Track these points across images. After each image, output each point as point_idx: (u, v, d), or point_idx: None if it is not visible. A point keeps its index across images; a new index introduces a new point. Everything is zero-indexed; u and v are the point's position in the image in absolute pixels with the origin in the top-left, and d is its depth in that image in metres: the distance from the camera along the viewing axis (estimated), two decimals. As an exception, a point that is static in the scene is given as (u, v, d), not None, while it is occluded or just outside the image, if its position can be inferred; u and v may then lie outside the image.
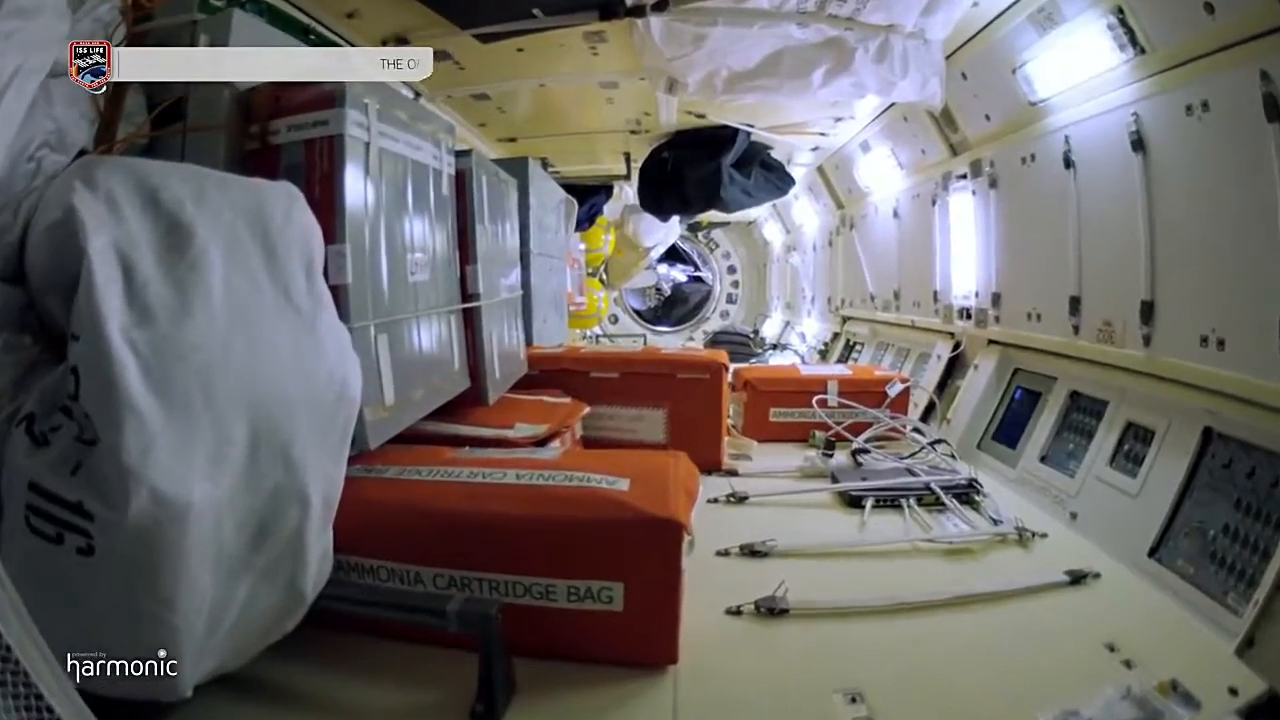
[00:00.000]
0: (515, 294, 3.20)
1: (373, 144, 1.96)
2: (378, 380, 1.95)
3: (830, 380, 3.91)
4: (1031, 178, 3.52)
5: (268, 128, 1.93)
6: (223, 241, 1.47)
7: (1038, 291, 3.54)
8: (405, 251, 2.11)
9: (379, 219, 1.99)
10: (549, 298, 4.70)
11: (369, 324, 1.91)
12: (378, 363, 1.95)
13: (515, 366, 3.16)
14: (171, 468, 1.27)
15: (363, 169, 1.92)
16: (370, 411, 1.90)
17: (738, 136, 5.22)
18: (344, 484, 1.75)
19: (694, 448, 3.24)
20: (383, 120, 2.01)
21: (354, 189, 1.87)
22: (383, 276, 1.99)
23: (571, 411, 2.92)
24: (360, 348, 1.84)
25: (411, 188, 2.17)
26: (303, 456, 1.52)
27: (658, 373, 3.37)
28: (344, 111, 1.86)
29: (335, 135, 1.86)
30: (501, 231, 3.00)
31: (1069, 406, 3.30)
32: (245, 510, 1.43)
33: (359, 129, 1.91)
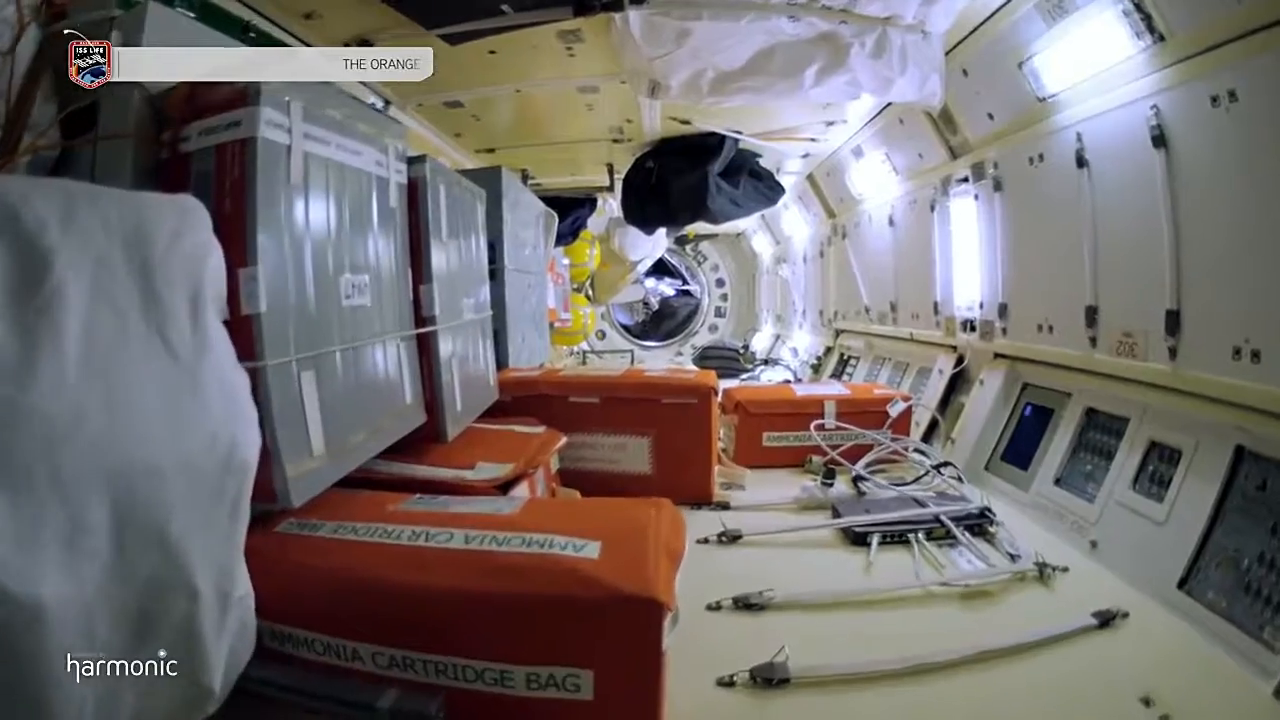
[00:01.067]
0: (483, 314, 2.92)
1: (295, 147, 1.67)
2: (302, 426, 1.66)
3: (827, 400, 3.64)
4: (1040, 179, 3.29)
5: (179, 134, 1.66)
6: (89, 272, 1.18)
7: (1049, 301, 3.30)
8: (339, 272, 1.83)
9: (304, 235, 1.70)
10: (528, 316, 4.42)
11: (290, 360, 1.62)
12: (302, 405, 1.65)
13: (483, 394, 2.88)
14: (12, 561, 0.99)
15: (282, 176, 1.63)
16: (293, 464, 1.61)
17: (725, 144, 4.97)
18: (273, 541, 1.57)
19: (682, 478, 3.02)
20: (311, 121, 1.74)
21: (269, 200, 1.59)
22: (309, 302, 1.70)
23: (545, 443, 2.64)
24: (278, 389, 1.57)
25: (348, 199, 1.89)
26: (183, 538, 1.24)
27: (642, 397, 3.09)
28: (257, 110, 1.58)
29: (247, 138, 1.58)
30: (466, 246, 2.72)
31: (1085, 424, 3.06)
32: (119, 604, 1.15)
33: (276, 130, 1.63)
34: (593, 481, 3.07)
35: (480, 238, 2.93)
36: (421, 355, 2.30)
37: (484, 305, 2.95)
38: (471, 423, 2.76)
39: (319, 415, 1.71)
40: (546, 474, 2.64)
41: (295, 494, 1.63)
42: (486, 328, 2.95)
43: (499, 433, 2.70)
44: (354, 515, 1.74)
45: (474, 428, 2.72)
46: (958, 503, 2.94)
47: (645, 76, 3.45)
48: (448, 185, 2.50)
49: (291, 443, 1.62)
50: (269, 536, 1.64)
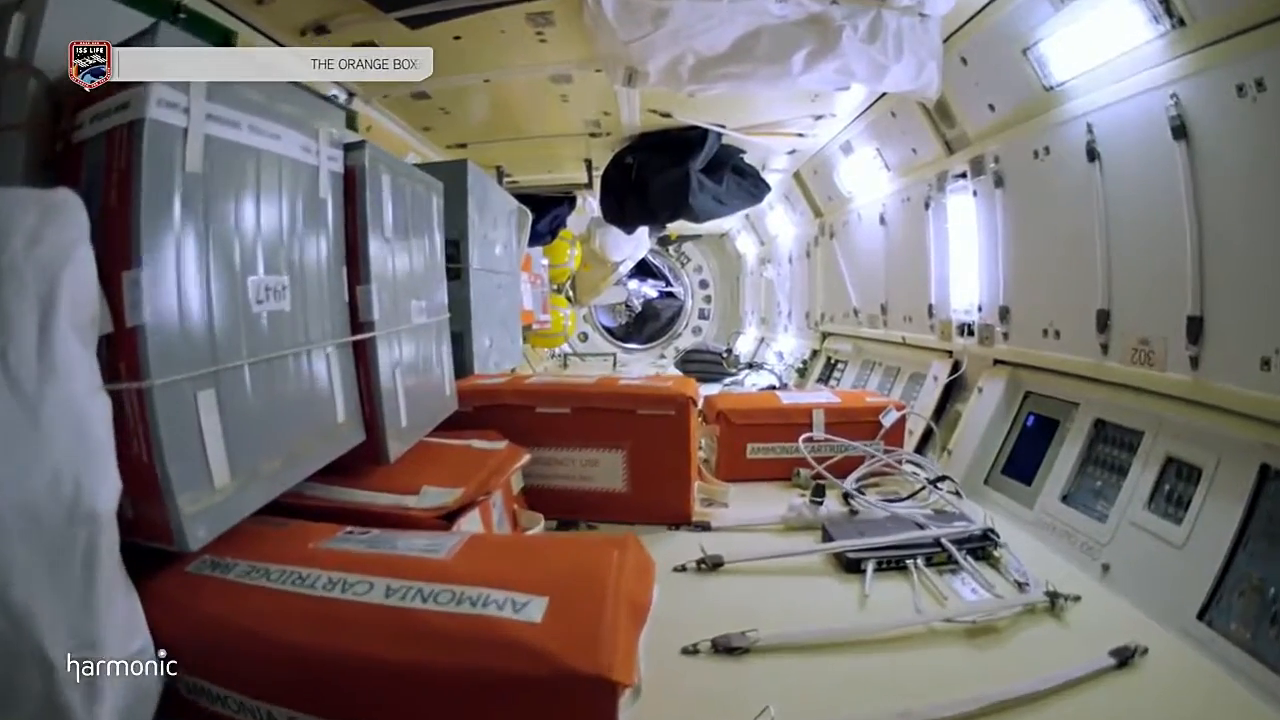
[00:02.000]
0: (438, 318, 2.65)
1: (193, 130, 1.41)
2: (199, 454, 1.39)
3: (816, 410, 3.39)
4: (1046, 173, 3.07)
5: (74, 122, 1.43)
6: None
7: (1056, 305, 3.08)
8: (248, 273, 1.56)
9: (205, 231, 1.44)
10: (497, 318, 4.16)
11: (183, 378, 1.36)
12: (199, 430, 1.39)
13: (438, 406, 2.61)
14: None
15: (176, 164, 1.37)
16: (189, 499, 1.35)
17: (707, 138, 4.73)
18: (183, 583, 1.40)
19: (659, 496, 2.76)
20: (218, 100, 1.48)
21: (159, 192, 1.33)
22: (209, 309, 1.44)
23: (505, 461, 2.38)
24: (168, 413, 1.32)
25: (263, 189, 1.63)
26: (27, 601, 1.01)
27: (615, 408, 2.83)
28: (147, 88, 1.33)
29: (134, 120, 1.33)
30: (418, 244, 2.45)
31: (1094, 437, 2.84)
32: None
33: (170, 111, 1.37)
34: (562, 500, 2.83)
35: (437, 234, 2.66)
36: (359, 365, 2.03)
37: (440, 307, 2.68)
38: (425, 437, 2.51)
39: (221, 441, 1.45)
40: (506, 496, 2.39)
41: (192, 534, 1.37)
42: (443, 332, 2.68)
43: (454, 449, 2.44)
44: (270, 554, 1.51)
45: (427, 443, 2.46)
46: (958, 522, 2.68)
47: (621, 63, 3.21)
48: (394, 175, 2.23)
49: (186, 475, 1.36)
50: (180, 577, 1.44)
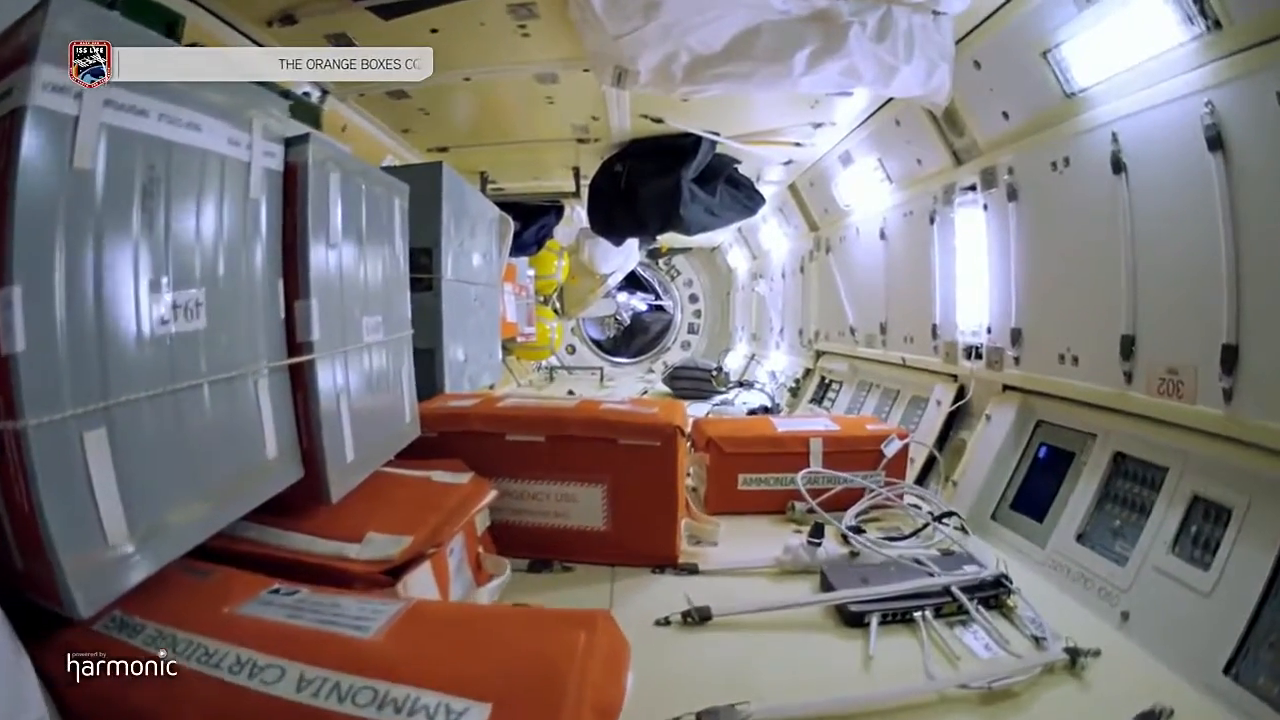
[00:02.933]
0: (398, 334, 2.39)
1: (85, 120, 1.16)
2: (88, 505, 1.14)
3: (813, 438, 3.14)
4: (1066, 186, 2.85)
5: None
6: None
7: (1074, 329, 2.86)
8: (154, 289, 1.30)
9: (97, 239, 1.19)
10: (473, 332, 3.90)
11: (64, 416, 1.10)
12: (87, 477, 1.14)
13: (396, 433, 2.35)
14: None
15: (61, 158, 1.13)
16: (76, 558, 1.12)
17: (700, 146, 4.49)
18: (87, 643, 1.21)
19: (642, 536, 2.51)
20: (123, 84, 1.23)
21: (38, 192, 1.09)
22: (102, 331, 1.19)
23: (468, 499, 2.13)
24: (47, 457, 1.08)
25: (175, 188, 1.37)
26: None
27: (595, 437, 2.56)
28: (31, 70, 1.10)
29: (16, 109, 1.09)
30: (374, 251, 2.19)
31: (1112, 472, 2.61)
32: None
33: (58, 97, 1.12)
34: (535, 538, 2.57)
35: (399, 241, 2.40)
36: (296, 392, 1.77)
37: (401, 322, 2.42)
38: (383, 466, 2.25)
39: (115, 489, 1.20)
40: (469, 538, 2.13)
41: (82, 598, 1.14)
42: (403, 350, 2.42)
43: (412, 483, 2.19)
44: (182, 616, 1.28)
45: (384, 474, 2.21)
46: (967, 566, 2.44)
47: (610, 61, 2.98)
48: (345, 174, 1.97)
49: (70, 530, 1.12)
50: (85, 636, 1.25)
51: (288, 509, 1.80)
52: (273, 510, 1.73)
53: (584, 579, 2.46)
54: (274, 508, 1.72)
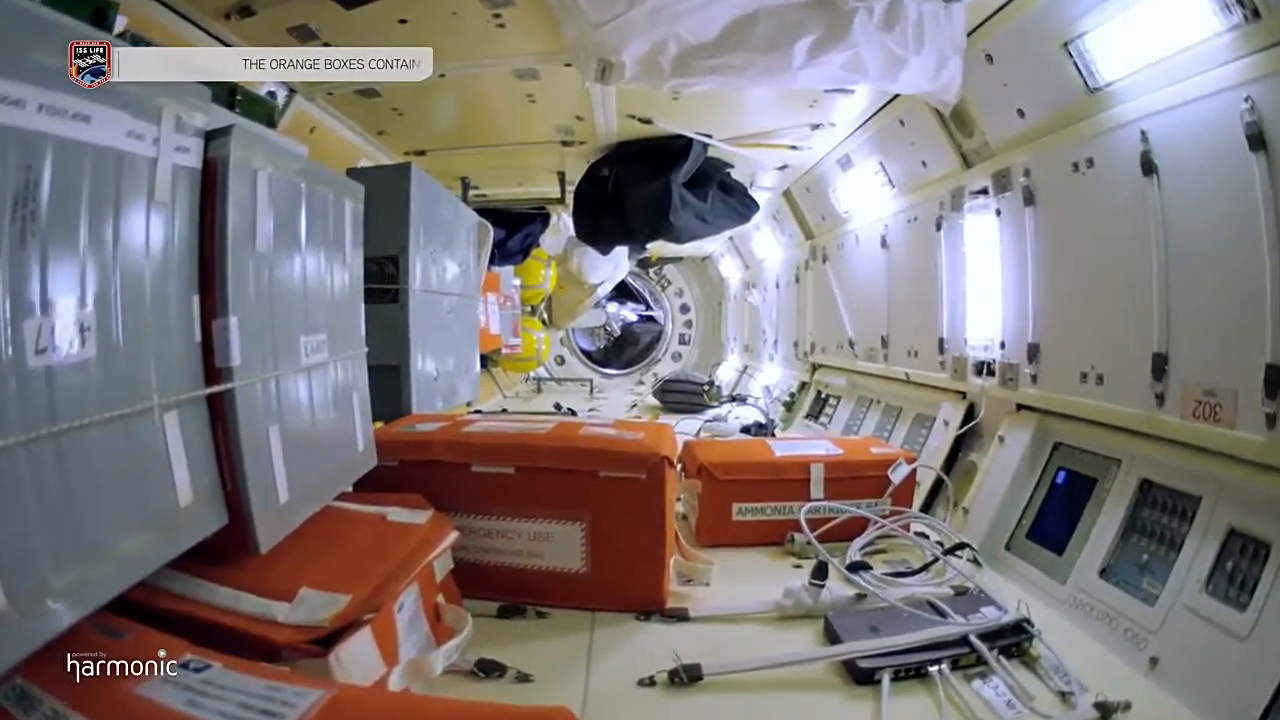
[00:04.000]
0: (349, 353, 2.12)
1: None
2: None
3: (814, 463, 2.88)
4: (1089, 189, 2.61)
5: None
6: None
7: (1100, 345, 2.60)
8: (22, 315, 1.05)
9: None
10: (446, 346, 3.64)
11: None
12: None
13: (342, 467, 2.07)
14: None
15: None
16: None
17: (692, 149, 4.23)
18: None
19: (626, 578, 2.23)
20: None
21: None
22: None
23: (425, 542, 1.86)
24: None
25: (57, 191, 1.11)
26: None
27: (572, 468, 2.27)
28: None
29: None
30: (319, 261, 1.93)
31: (1138, 500, 2.36)
32: None
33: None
34: (506, 580, 2.29)
35: (351, 248, 2.14)
36: (216, 426, 1.50)
37: (352, 339, 2.15)
38: (336, 500, 1.99)
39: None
40: (426, 587, 1.86)
41: None
42: (356, 371, 2.15)
43: (364, 522, 1.92)
44: (82, 693, 1.11)
45: (334, 509, 1.96)
46: (985, 607, 2.21)
47: (593, 54, 2.73)
48: (279, 173, 1.71)
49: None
50: None
51: (219, 555, 1.55)
52: (204, 556, 1.49)
53: (560, 627, 2.18)
54: (206, 553, 1.48)
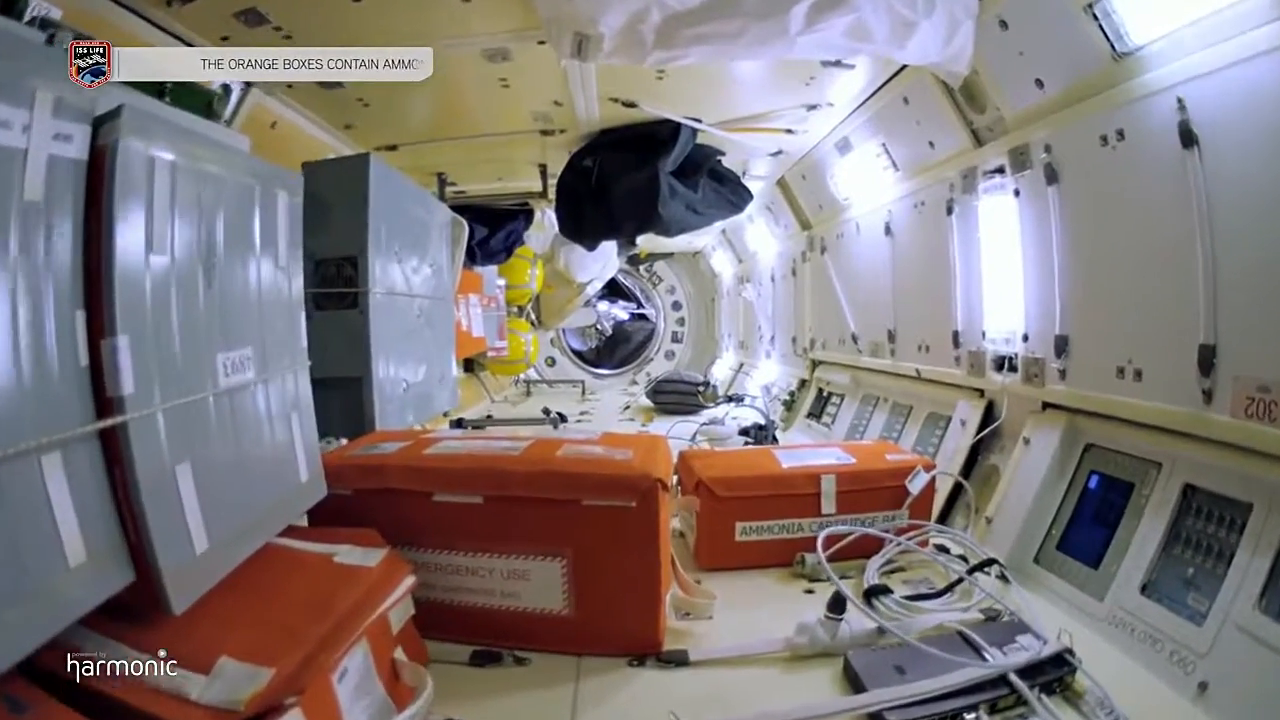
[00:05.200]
0: (286, 369, 1.82)
1: None
2: None
3: (824, 475, 2.59)
4: (1120, 164, 2.34)
5: None
6: None
7: (1137, 336, 2.34)
8: None
9: None
10: (417, 354, 3.35)
11: None
12: None
13: (282, 499, 1.77)
14: None
15: None
16: None
17: (680, 134, 3.95)
18: None
19: (616, 620, 1.94)
20: None
21: None
22: None
23: (376, 589, 1.57)
24: None
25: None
26: None
27: (549, 497, 1.95)
28: None
29: None
30: (245, 263, 1.64)
31: (1181, 508, 2.12)
32: None
33: None
34: (479, 623, 2.00)
35: (286, 249, 1.83)
36: (112, 468, 1.22)
37: (289, 352, 1.84)
38: (278, 538, 1.72)
39: None
40: (380, 644, 1.57)
41: None
42: (295, 387, 1.85)
43: (308, 564, 1.64)
44: None
45: (276, 548, 1.68)
46: (1020, 636, 1.93)
47: (568, 27, 2.47)
48: (188, 162, 1.42)
49: None
50: None
51: (135, 612, 1.30)
52: (120, 612, 1.26)
53: (541, 677, 1.89)
54: (122, 608, 1.25)
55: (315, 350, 2.06)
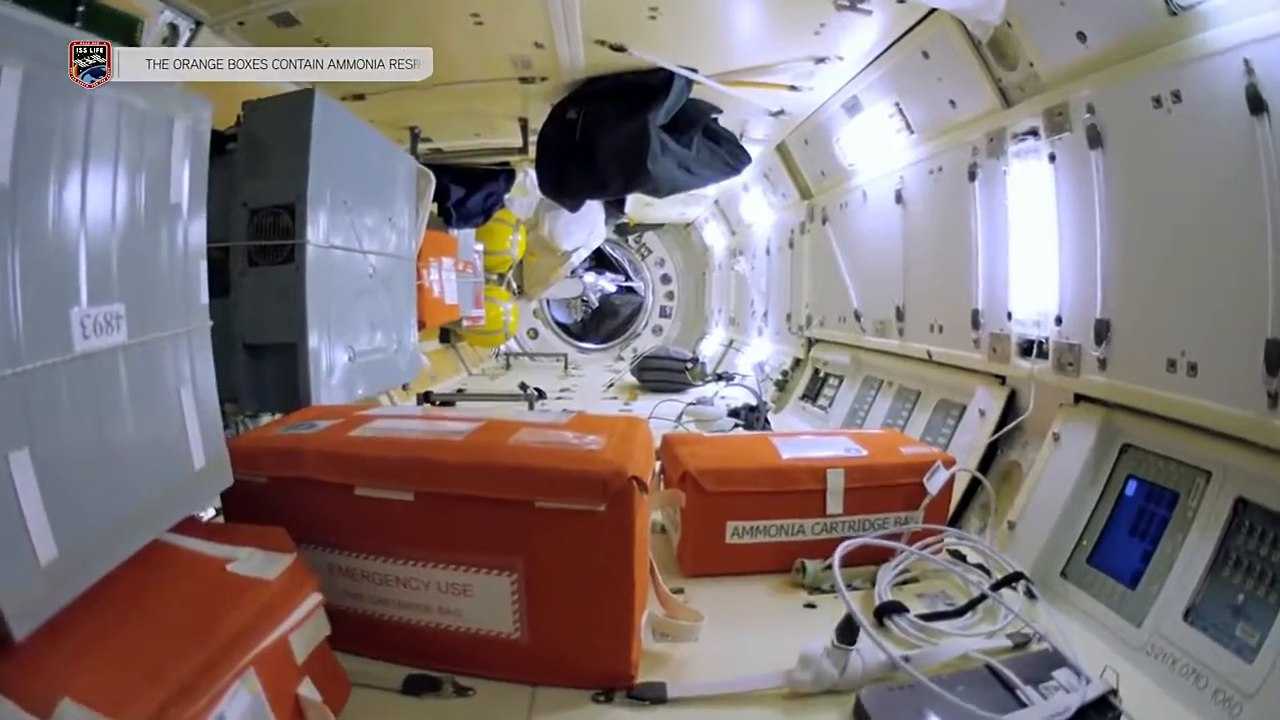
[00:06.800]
0: (175, 330, 1.45)
1: None
2: None
3: (831, 469, 2.24)
4: (1176, 130, 2.05)
5: None
6: None
7: (1193, 325, 2.04)
8: None
9: None
10: (370, 318, 2.97)
11: None
12: None
13: (168, 491, 1.39)
14: None
15: None
16: None
17: (673, 84, 3.57)
18: None
19: (578, 646, 1.57)
20: None
21: None
22: None
23: (269, 611, 1.23)
24: None
25: None
26: None
27: (497, 496, 1.56)
28: None
29: None
30: (113, 200, 1.26)
31: (1233, 524, 1.84)
32: None
33: None
34: (414, 643, 1.66)
35: (185, 186, 1.47)
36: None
37: (179, 312, 1.47)
38: (170, 534, 1.37)
39: None
40: (279, 675, 1.23)
41: None
42: (187, 356, 1.48)
43: (193, 572, 1.31)
44: None
45: (166, 548, 1.35)
46: (1058, 671, 1.64)
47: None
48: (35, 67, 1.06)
49: None
50: None
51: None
52: None
53: (485, 711, 1.53)
54: None
55: (247, 312, 1.72)
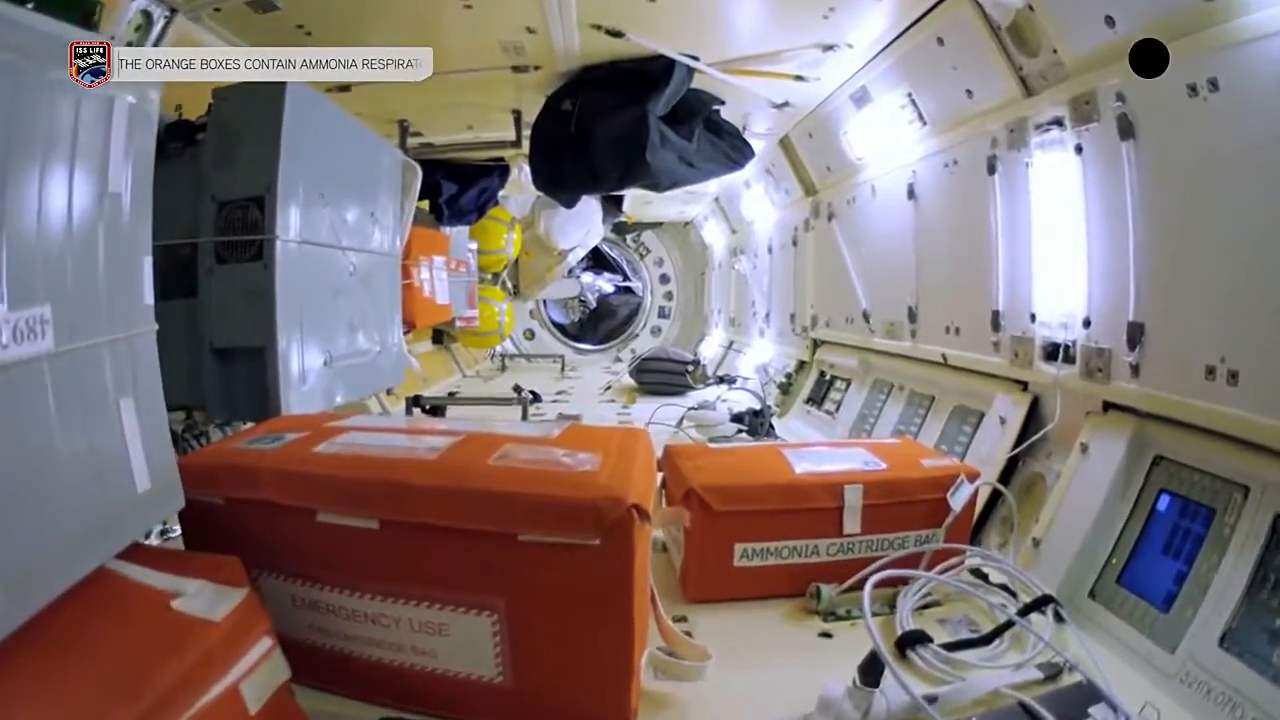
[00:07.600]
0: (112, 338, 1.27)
1: None
2: None
3: (849, 485, 2.06)
4: (1214, 119, 1.90)
5: None
6: None
7: (1236, 330, 1.89)
8: None
9: None
10: (349, 319, 2.79)
11: None
12: None
13: (99, 522, 1.20)
14: None
15: None
16: None
17: (673, 72, 3.39)
18: None
19: (568, 692, 1.38)
20: None
21: None
22: None
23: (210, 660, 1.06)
24: None
25: None
26: None
27: (473, 526, 1.37)
28: None
29: None
30: (46, 191, 1.10)
31: (1272, 541, 1.71)
32: None
33: None
34: (388, 683, 1.48)
35: (126, 173, 1.29)
36: None
37: (119, 315, 1.29)
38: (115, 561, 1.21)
39: None
40: None
41: None
42: (127, 365, 1.31)
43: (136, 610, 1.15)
44: None
45: (111, 579, 1.20)
46: (1094, 708, 1.51)
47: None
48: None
49: None
50: None
51: None
52: None
53: (466, 763, 1.39)
54: None
55: (215, 314, 1.56)
